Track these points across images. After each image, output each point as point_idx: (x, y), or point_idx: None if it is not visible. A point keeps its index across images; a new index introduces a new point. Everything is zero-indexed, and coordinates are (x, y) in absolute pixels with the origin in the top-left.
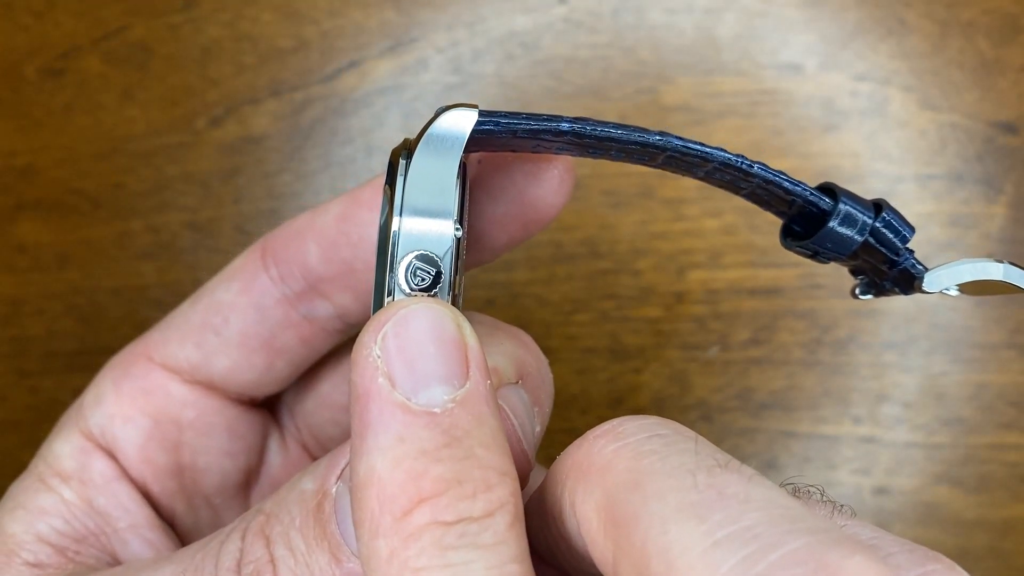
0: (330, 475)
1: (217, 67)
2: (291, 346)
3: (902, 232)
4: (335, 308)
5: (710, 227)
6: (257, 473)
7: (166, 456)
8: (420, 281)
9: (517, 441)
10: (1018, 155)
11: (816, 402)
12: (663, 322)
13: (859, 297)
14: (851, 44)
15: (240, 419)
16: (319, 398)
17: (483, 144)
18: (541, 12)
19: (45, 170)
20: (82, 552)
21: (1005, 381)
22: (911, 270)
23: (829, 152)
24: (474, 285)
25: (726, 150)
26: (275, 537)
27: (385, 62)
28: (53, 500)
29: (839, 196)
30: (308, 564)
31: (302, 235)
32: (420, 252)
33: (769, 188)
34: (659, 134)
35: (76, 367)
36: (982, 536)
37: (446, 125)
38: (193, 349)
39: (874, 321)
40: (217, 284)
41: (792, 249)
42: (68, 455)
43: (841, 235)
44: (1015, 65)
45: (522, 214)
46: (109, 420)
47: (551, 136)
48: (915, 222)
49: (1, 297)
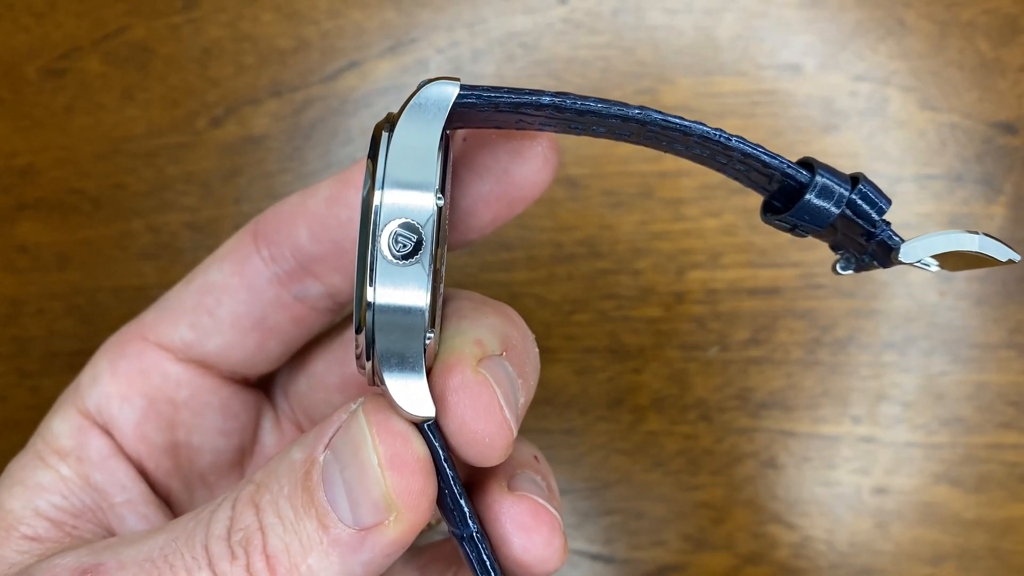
0: (318, 445)
1: (217, 67)
2: (283, 326)
3: (878, 204)
4: (325, 288)
5: (710, 227)
6: (251, 452)
7: (161, 434)
8: (401, 248)
9: (499, 409)
10: (1017, 155)
11: (815, 402)
12: (663, 322)
13: (840, 272)
14: (850, 44)
15: (234, 398)
16: (312, 378)
17: (467, 119)
18: (541, 13)
19: (46, 170)
20: (79, 527)
21: (1004, 381)
22: (888, 241)
23: (828, 152)
24: (474, 285)
25: (705, 124)
26: (264, 505)
27: (385, 62)
28: (51, 476)
29: (816, 169)
30: (296, 531)
31: (293, 217)
32: (403, 221)
33: (748, 162)
34: (639, 108)
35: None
36: (981, 536)
37: (428, 97)
38: (187, 329)
39: (873, 321)
40: (209, 265)
41: (771, 223)
42: (65, 433)
43: (818, 207)
44: (1014, 65)
45: (507, 192)
46: (106, 399)
47: (532, 109)
48: (915, 222)
49: (2, 297)
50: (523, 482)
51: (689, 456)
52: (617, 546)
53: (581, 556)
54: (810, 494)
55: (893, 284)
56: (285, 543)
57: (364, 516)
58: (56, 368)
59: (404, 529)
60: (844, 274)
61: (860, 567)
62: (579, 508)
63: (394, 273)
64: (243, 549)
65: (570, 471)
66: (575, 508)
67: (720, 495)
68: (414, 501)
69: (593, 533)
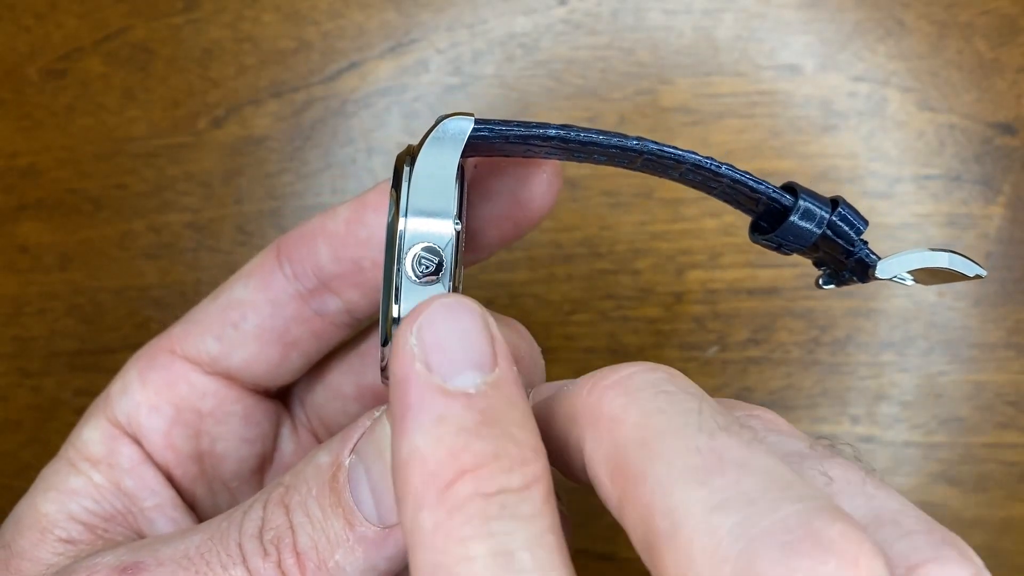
0: (344, 449)
1: (218, 68)
2: (303, 339)
3: (856, 225)
4: (344, 303)
5: (709, 227)
6: (271, 459)
7: (188, 442)
8: (424, 269)
9: None
10: (1016, 156)
11: (814, 401)
12: (662, 322)
13: (822, 287)
14: (849, 45)
15: (256, 408)
16: (329, 389)
17: (479, 150)
18: (541, 13)
19: (47, 171)
20: (110, 530)
21: (1003, 380)
22: (865, 259)
23: (827, 153)
24: (474, 285)
25: (697, 153)
26: (294, 506)
27: (386, 63)
28: (83, 482)
29: (799, 193)
30: (324, 530)
31: (314, 236)
32: (425, 245)
33: (737, 187)
34: (636, 139)
35: (78, 367)
36: (980, 535)
37: (445, 131)
38: (213, 342)
39: (872, 321)
40: (235, 282)
41: (759, 243)
42: (97, 441)
43: (801, 228)
44: (1013, 66)
45: (514, 213)
46: (135, 408)
47: (539, 141)
48: (913, 223)
49: (3, 297)
50: None
51: None
52: (619, 545)
53: (584, 555)
54: None
55: (892, 284)
56: (314, 541)
57: (388, 514)
58: (57, 368)
59: None
60: (826, 288)
61: None
62: (581, 507)
63: (418, 292)
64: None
65: None
66: (577, 507)
67: None
68: None
69: (596, 532)
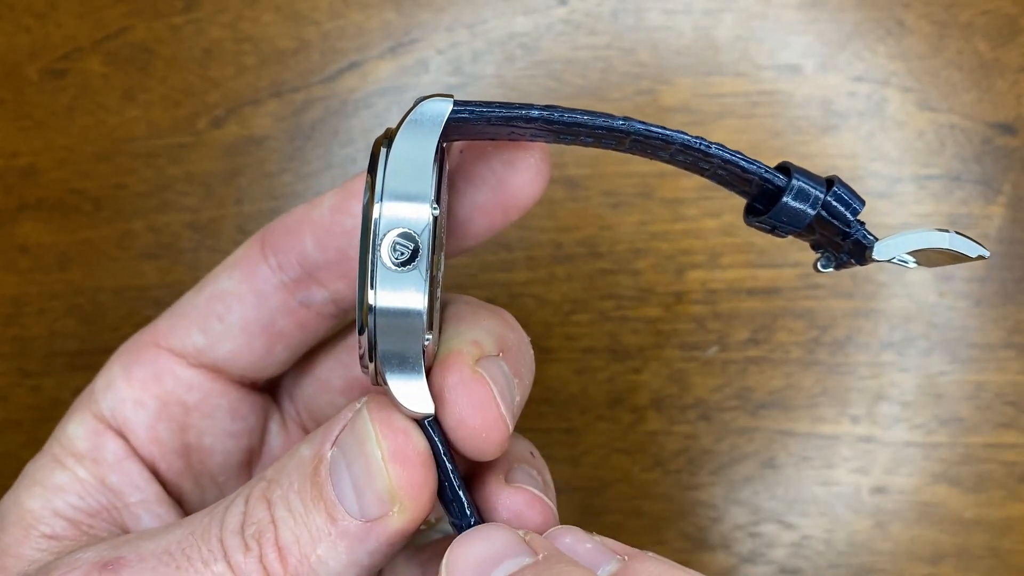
0: (326, 442)
1: (218, 68)
2: (289, 331)
3: (852, 204)
4: (330, 294)
5: (709, 227)
6: (259, 453)
7: (173, 436)
8: (400, 255)
9: (495, 406)
10: (1016, 156)
11: (814, 401)
12: (662, 322)
13: (821, 270)
14: (849, 45)
15: (242, 401)
16: (316, 382)
17: (462, 132)
18: (541, 13)
19: (47, 171)
20: (95, 526)
21: (1003, 380)
22: (862, 240)
23: (827, 153)
24: (474, 285)
25: (686, 133)
26: (276, 500)
27: (386, 63)
28: (68, 478)
29: (792, 173)
30: (306, 524)
31: (299, 226)
32: (401, 230)
33: (728, 167)
34: (623, 119)
35: (78, 367)
36: (980, 535)
37: (423, 113)
38: (198, 335)
39: (872, 321)
40: (220, 273)
41: (753, 225)
42: (81, 436)
43: (795, 209)
44: (1013, 66)
45: (502, 201)
46: (120, 403)
47: (522, 122)
48: (913, 223)
49: (3, 297)
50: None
51: (688, 456)
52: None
53: None
54: (809, 494)
55: (892, 284)
56: (296, 535)
57: (370, 508)
58: (57, 368)
59: (407, 520)
60: (825, 272)
61: (859, 566)
62: (579, 507)
63: (393, 279)
64: (256, 541)
65: (570, 470)
66: (575, 507)
67: (719, 494)
68: (416, 493)
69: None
